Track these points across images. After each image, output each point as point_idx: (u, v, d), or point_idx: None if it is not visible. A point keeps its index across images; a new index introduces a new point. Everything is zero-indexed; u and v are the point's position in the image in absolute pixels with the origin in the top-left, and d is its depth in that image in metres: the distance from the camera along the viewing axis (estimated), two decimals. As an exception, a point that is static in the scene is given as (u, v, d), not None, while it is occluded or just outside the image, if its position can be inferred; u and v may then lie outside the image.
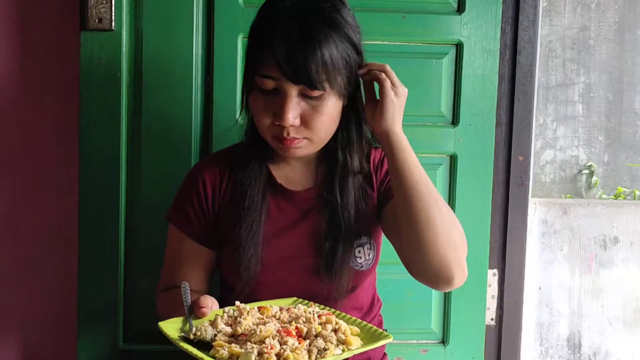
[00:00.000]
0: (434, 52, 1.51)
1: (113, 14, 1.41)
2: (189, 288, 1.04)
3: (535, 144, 2.19)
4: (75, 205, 1.47)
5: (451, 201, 1.54)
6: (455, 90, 1.52)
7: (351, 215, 1.13)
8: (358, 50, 1.07)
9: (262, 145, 1.13)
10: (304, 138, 1.06)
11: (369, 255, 1.16)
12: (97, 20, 1.41)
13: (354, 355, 0.92)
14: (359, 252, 1.15)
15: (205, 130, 1.47)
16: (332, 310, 1.04)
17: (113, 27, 1.41)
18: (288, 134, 1.04)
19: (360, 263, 1.15)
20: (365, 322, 0.99)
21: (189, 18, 1.44)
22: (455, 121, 1.53)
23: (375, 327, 0.97)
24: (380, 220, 1.18)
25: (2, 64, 1.52)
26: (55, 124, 1.55)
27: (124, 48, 1.43)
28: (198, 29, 1.45)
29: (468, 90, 1.52)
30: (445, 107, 1.53)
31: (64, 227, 1.56)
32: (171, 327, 0.95)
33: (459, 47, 1.51)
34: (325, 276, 1.12)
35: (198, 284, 1.17)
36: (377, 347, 1.04)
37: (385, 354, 1.31)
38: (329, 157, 1.15)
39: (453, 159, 1.54)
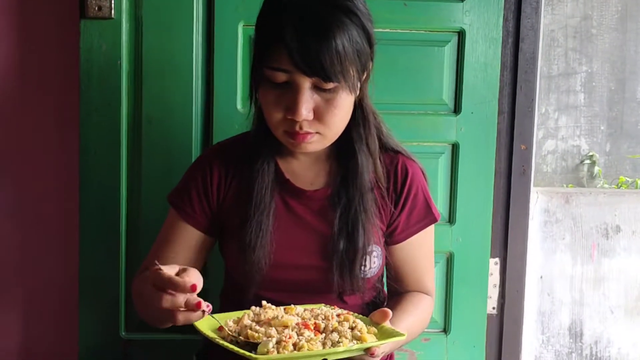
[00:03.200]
0: (435, 39, 1.50)
1: (112, 2, 1.40)
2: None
3: (537, 134, 2.18)
4: (76, 194, 1.47)
5: (453, 190, 1.54)
6: (457, 78, 1.51)
7: (363, 222, 1.10)
8: (370, 41, 1.03)
9: (269, 138, 1.09)
10: (316, 133, 1.03)
11: (374, 263, 1.13)
12: (96, 9, 1.40)
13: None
14: (366, 259, 1.11)
15: (206, 118, 1.46)
16: (355, 314, 1.03)
17: (113, 15, 1.40)
18: (301, 128, 1.01)
19: (365, 271, 1.12)
20: (385, 325, 0.98)
21: (189, 6, 1.42)
22: (457, 109, 1.52)
23: (392, 328, 0.97)
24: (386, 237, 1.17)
25: (2, 52, 1.51)
26: (55, 113, 1.54)
27: (124, 36, 1.42)
28: (198, 16, 1.44)
29: (470, 78, 1.51)
30: (447, 95, 1.52)
31: (65, 216, 1.56)
32: (204, 324, 0.95)
33: (461, 34, 1.50)
34: (332, 279, 1.11)
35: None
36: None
37: None
38: (340, 155, 1.12)
39: (455, 148, 1.53)
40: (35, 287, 1.59)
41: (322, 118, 1.01)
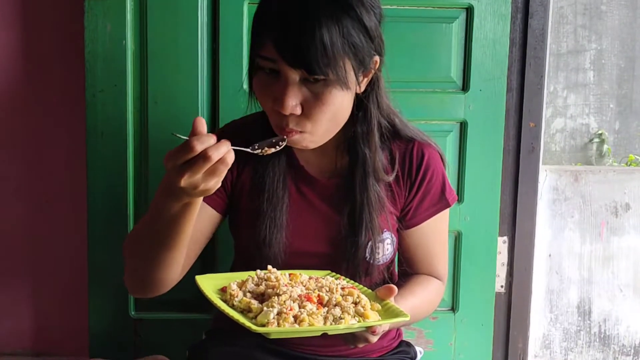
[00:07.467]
0: (443, 16, 1.48)
1: (117, -19, 1.39)
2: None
3: (546, 112, 2.16)
4: (83, 174, 1.47)
5: (461, 168, 1.53)
6: (466, 55, 1.49)
7: (372, 213, 1.08)
8: (370, 35, 0.98)
9: None
10: (301, 131, 0.98)
11: (387, 250, 1.12)
12: (101, -12, 1.39)
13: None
14: (378, 247, 1.10)
15: (212, 97, 1.46)
16: (360, 286, 1.03)
17: (117, -6, 1.40)
18: (287, 125, 0.97)
19: (378, 258, 1.11)
20: (389, 302, 0.97)
21: (194, -16, 1.41)
22: (465, 87, 1.51)
23: (396, 307, 0.96)
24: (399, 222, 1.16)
25: (6, 34, 1.50)
26: (61, 94, 1.54)
27: (129, 15, 1.41)
28: (203, -5, 1.43)
29: (479, 55, 1.49)
30: (456, 72, 1.50)
31: (73, 197, 1.56)
32: (207, 283, 0.96)
33: (469, 10, 1.48)
34: (341, 266, 1.10)
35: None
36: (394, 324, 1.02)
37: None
38: (350, 149, 1.10)
39: (463, 126, 1.52)
40: (45, 267, 1.60)
41: (310, 114, 0.96)
